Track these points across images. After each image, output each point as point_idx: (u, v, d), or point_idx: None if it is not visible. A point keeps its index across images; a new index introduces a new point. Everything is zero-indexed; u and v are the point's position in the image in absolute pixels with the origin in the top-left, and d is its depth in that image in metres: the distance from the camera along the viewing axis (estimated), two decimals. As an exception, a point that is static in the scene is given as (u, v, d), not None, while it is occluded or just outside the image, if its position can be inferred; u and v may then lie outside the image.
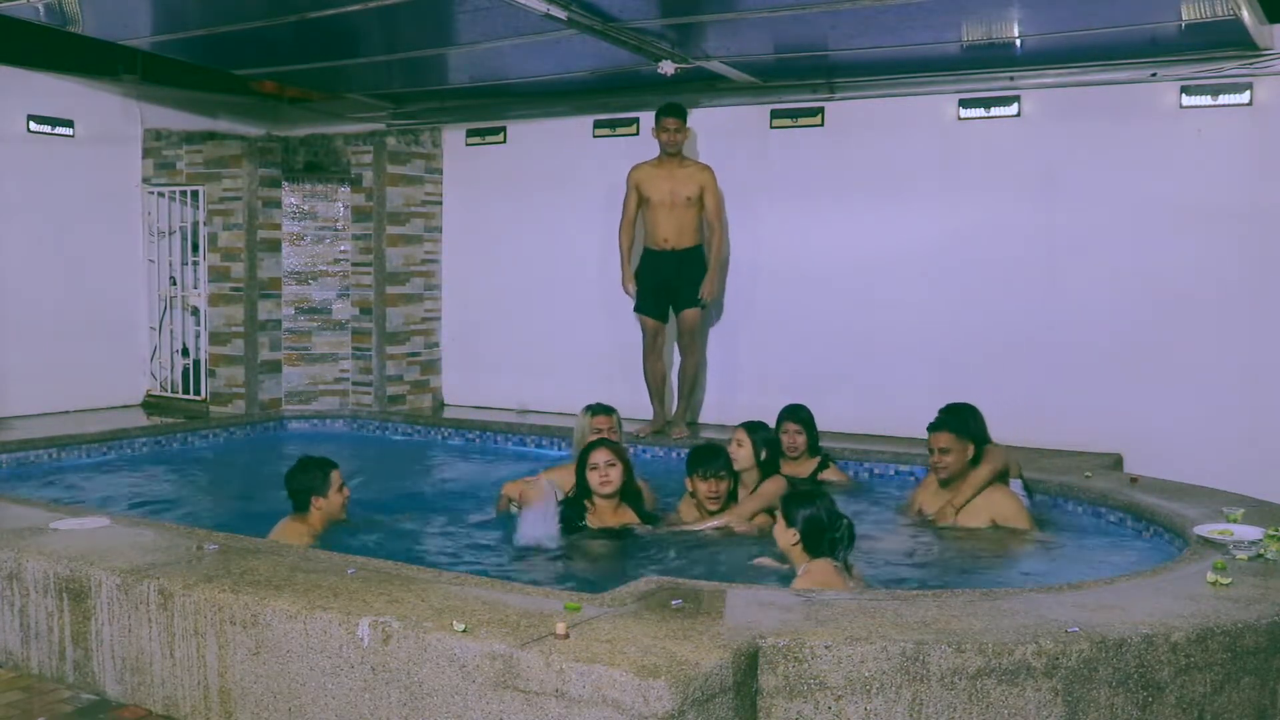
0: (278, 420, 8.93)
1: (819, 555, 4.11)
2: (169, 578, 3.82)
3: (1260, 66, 6.64)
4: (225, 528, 5.07)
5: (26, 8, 6.60)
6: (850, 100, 7.84)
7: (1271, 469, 6.44)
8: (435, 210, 9.48)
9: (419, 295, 9.37)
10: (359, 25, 6.90)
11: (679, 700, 2.84)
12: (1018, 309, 7.35)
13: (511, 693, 3.05)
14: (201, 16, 7.10)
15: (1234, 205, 6.78)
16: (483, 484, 7.15)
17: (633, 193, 7.79)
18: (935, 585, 4.66)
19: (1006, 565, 5.11)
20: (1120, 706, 3.21)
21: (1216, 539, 4.30)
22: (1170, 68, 6.85)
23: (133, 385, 9.20)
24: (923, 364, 7.47)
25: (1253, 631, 3.37)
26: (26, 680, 4.11)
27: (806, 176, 7.92)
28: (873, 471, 6.95)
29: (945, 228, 7.54)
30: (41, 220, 8.47)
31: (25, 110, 8.40)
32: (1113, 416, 6.96)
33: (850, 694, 3.13)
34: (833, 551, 4.12)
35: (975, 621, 3.32)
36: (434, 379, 9.53)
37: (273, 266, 9.03)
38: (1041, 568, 4.99)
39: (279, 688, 3.51)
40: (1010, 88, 7.35)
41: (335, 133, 9.48)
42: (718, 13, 6.49)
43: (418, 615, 3.35)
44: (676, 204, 7.63)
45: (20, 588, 4.18)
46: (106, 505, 6.08)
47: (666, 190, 7.65)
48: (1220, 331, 6.84)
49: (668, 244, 7.69)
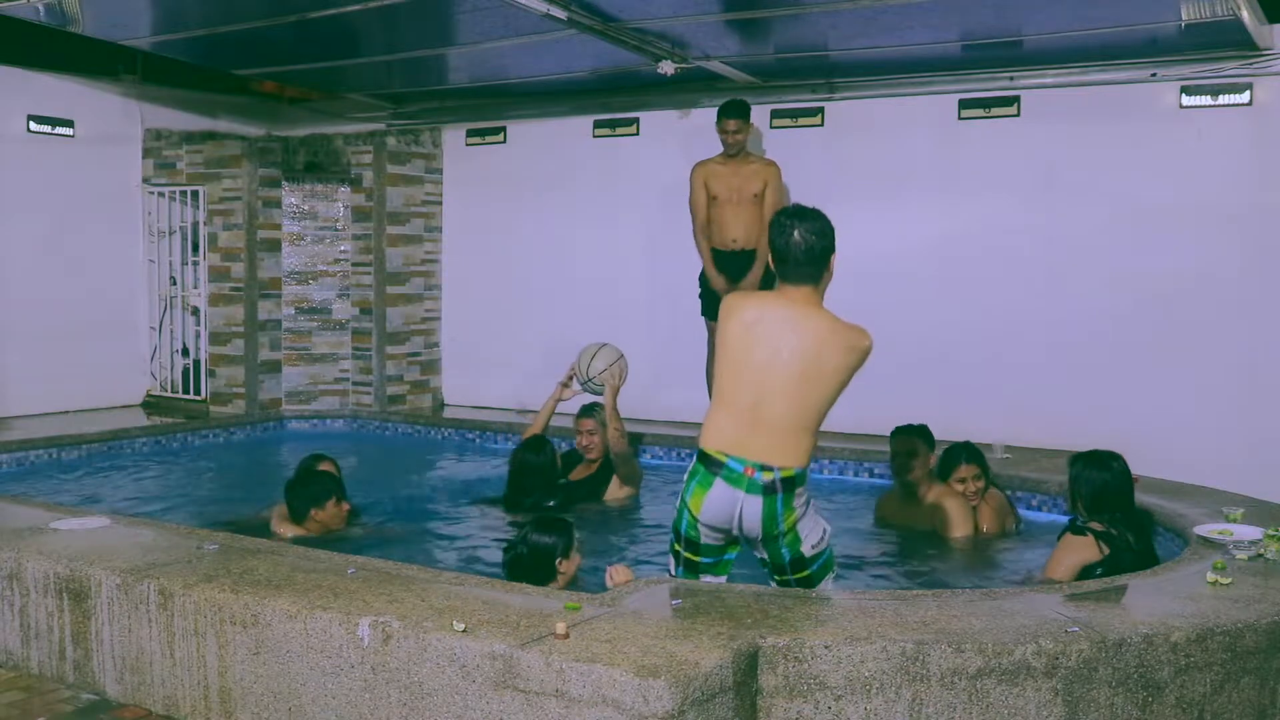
0: (278, 420, 8.94)
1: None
2: (169, 578, 3.82)
3: (1260, 66, 6.64)
4: (225, 528, 5.09)
5: (26, 8, 6.60)
6: (850, 100, 7.84)
7: (1271, 469, 6.43)
8: (435, 210, 9.48)
9: (419, 295, 9.37)
10: (359, 25, 6.90)
11: (679, 700, 2.84)
12: (1017, 309, 7.35)
13: (511, 693, 3.05)
14: (201, 16, 7.10)
15: (1234, 205, 6.78)
16: (483, 484, 7.16)
17: (700, 191, 7.36)
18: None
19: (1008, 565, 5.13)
20: (1120, 706, 3.21)
21: (1216, 539, 4.30)
22: (1170, 68, 6.85)
23: (133, 385, 9.20)
24: (922, 364, 7.46)
25: (1253, 631, 3.37)
26: (26, 680, 4.11)
27: (806, 176, 7.90)
28: (873, 471, 6.96)
29: (945, 228, 7.54)
30: (41, 220, 8.48)
31: (25, 110, 8.41)
32: (1112, 416, 6.95)
33: (850, 694, 3.13)
34: None
35: (975, 621, 3.32)
36: (434, 379, 9.53)
37: (273, 266, 9.03)
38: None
39: (279, 688, 3.51)
40: (1010, 88, 7.35)
41: (335, 133, 9.48)
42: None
43: (418, 615, 3.34)
44: (743, 201, 7.25)
45: (20, 588, 4.18)
46: (106, 505, 6.08)
47: (733, 187, 7.27)
48: (1220, 331, 6.84)
49: (736, 244, 7.30)
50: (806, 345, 3.74)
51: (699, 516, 3.79)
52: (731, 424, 3.77)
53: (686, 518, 3.83)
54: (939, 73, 7.45)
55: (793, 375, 3.72)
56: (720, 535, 3.83)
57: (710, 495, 3.75)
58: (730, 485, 3.72)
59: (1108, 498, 4.42)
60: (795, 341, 3.74)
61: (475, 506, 6.48)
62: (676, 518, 3.90)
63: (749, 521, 3.74)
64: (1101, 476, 4.44)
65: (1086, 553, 4.29)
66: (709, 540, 3.84)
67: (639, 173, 8.57)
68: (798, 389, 3.73)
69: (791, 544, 3.80)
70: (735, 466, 3.72)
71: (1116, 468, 4.49)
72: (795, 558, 3.82)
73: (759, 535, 3.77)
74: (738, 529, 3.78)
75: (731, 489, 3.72)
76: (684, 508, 3.84)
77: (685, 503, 3.82)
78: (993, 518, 5.49)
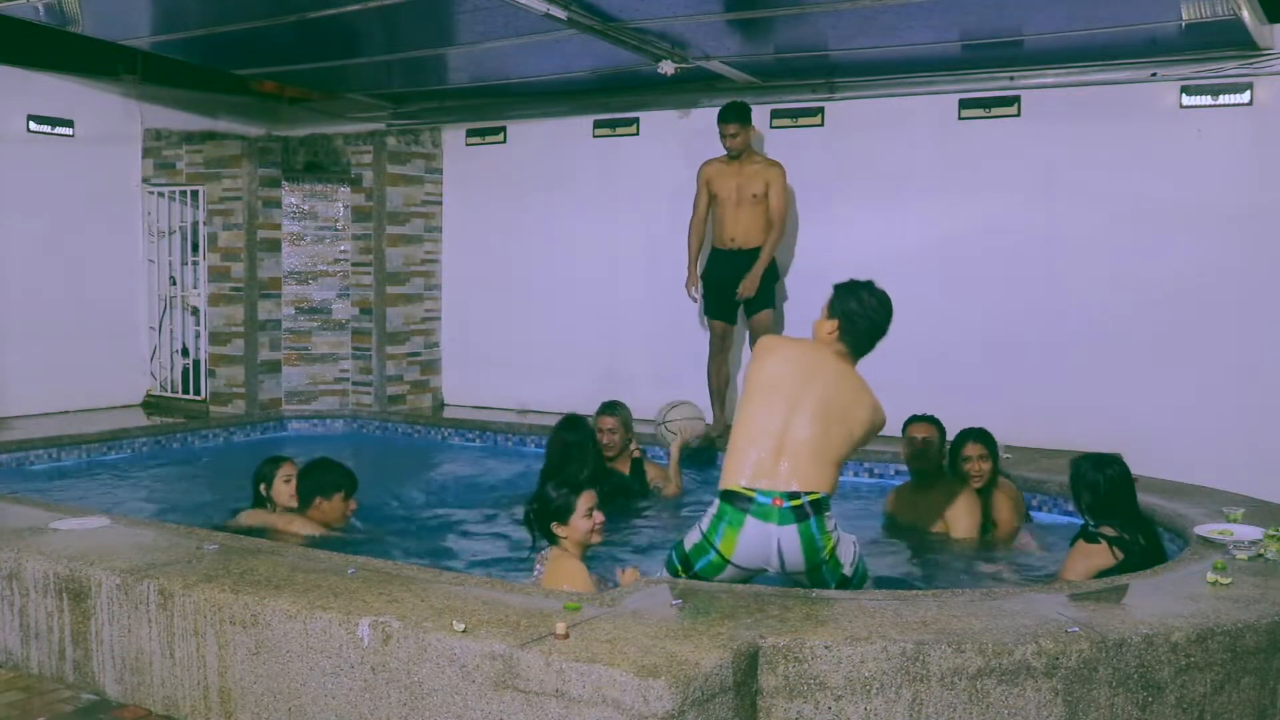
0: (278, 420, 8.93)
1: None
2: (169, 578, 3.82)
3: (1260, 66, 6.64)
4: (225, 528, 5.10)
5: (26, 8, 6.60)
6: (850, 100, 7.84)
7: (1271, 469, 6.43)
8: (435, 210, 9.48)
9: (419, 295, 9.37)
10: (359, 25, 6.90)
11: (679, 700, 2.84)
12: (1017, 309, 7.35)
13: (511, 693, 3.05)
14: (201, 16, 7.10)
15: (1234, 205, 6.78)
16: (482, 484, 7.16)
17: (703, 190, 7.47)
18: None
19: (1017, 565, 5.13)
20: (1120, 706, 3.21)
21: (1216, 539, 4.30)
22: (1170, 68, 6.85)
23: (133, 385, 9.19)
24: (922, 364, 7.45)
25: (1253, 631, 3.37)
26: (26, 680, 4.11)
27: (806, 176, 7.91)
28: (872, 471, 6.96)
29: (945, 228, 7.54)
30: (41, 220, 8.47)
31: (25, 110, 8.40)
32: (1112, 416, 6.95)
33: (850, 694, 3.13)
34: None
35: (975, 621, 3.32)
36: (434, 379, 9.53)
37: (273, 266, 9.03)
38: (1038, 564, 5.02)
39: (279, 688, 3.51)
40: (1010, 88, 7.35)
41: (335, 133, 9.48)
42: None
43: (418, 615, 3.34)
44: (743, 201, 7.33)
45: (20, 588, 4.18)
46: (106, 505, 6.08)
47: (733, 187, 7.36)
48: (1220, 331, 6.83)
49: (734, 243, 7.39)
50: (842, 390, 3.89)
51: (731, 559, 3.77)
52: (755, 453, 3.79)
53: (712, 559, 3.80)
54: (939, 73, 7.45)
55: (822, 407, 3.82)
56: (746, 574, 3.82)
57: (743, 535, 3.73)
58: (762, 521, 3.72)
59: (1110, 500, 4.42)
60: (832, 382, 3.89)
61: (488, 507, 6.42)
62: (691, 552, 3.85)
63: (790, 555, 3.74)
64: (1101, 479, 4.44)
65: (1100, 559, 4.27)
66: (726, 579, 3.82)
67: (639, 173, 8.57)
68: (825, 420, 3.81)
69: (834, 569, 3.82)
70: (763, 500, 3.72)
71: (1117, 468, 4.49)
72: (839, 581, 3.84)
73: (803, 567, 3.77)
74: (779, 566, 3.77)
75: (763, 525, 3.72)
76: (707, 549, 3.80)
77: (712, 545, 3.79)
78: (1008, 506, 5.50)
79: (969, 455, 5.46)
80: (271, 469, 5.47)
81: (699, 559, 3.83)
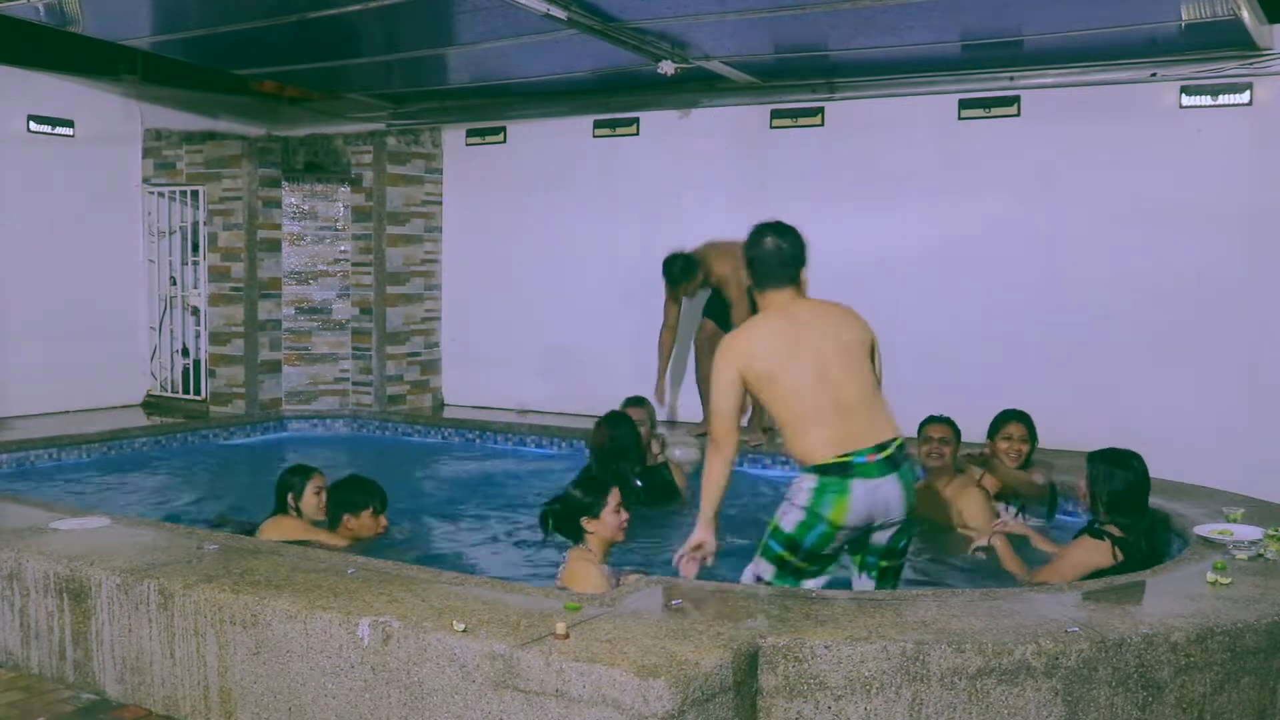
0: (278, 420, 8.94)
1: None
2: (169, 578, 3.82)
3: (1260, 66, 6.64)
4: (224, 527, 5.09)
5: (26, 8, 6.60)
6: (850, 100, 7.84)
7: (1271, 469, 6.44)
8: (435, 210, 9.48)
9: (419, 295, 9.37)
10: (359, 25, 6.90)
11: (679, 700, 2.84)
12: (1017, 309, 7.35)
13: (511, 693, 3.05)
14: (201, 16, 7.10)
15: (1234, 205, 6.78)
16: (482, 484, 7.16)
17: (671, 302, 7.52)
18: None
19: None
20: (1120, 706, 3.21)
21: (1216, 539, 4.30)
22: (1170, 68, 6.85)
23: (133, 385, 9.20)
24: (922, 364, 7.44)
25: (1253, 631, 3.37)
26: (26, 680, 4.11)
27: (806, 177, 7.91)
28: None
29: (945, 228, 7.54)
30: (41, 220, 8.48)
31: (25, 110, 8.40)
32: (1113, 416, 6.95)
33: (850, 694, 3.13)
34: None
35: (975, 621, 3.32)
36: (434, 379, 9.53)
37: (273, 266, 9.03)
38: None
39: (279, 688, 3.51)
40: (1010, 88, 7.35)
41: (335, 133, 9.48)
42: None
43: (418, 615, 3.35)
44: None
45: (20, 588, 4.18)
46: (107, 505, 6.08)
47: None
48: (1221, 331, 6.84)
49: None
50: (829, 329, 3.97)
51: (845, 523, 3.83)
52: (829, 429, 3.86)
53: (824, 530, 3.84)
54: (939, 73, 7.45)
55: (840, 357, 3.91)
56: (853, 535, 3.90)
57: (853, 499, 3.81)
58: (866, 479, 3.82)
59: (1128, 497, 4.39)
60: (819, 333, 3.95)
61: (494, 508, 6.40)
62: (795, 532, 3.88)
63: (894, 505, 3.87)
64: (1122, 475, 4.40)
65: (1099, 557, 4.27)
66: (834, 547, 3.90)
67: (639, 173, 8.57)
68: (852, 365, 3.92)
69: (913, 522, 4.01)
70: (860, 459, 3.82)
71: (1137, 466, 4.45)
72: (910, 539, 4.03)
73: (900, 516, 3.90)
74: (882, 518, 3.88)
75: (868, 482, 3.82)
76: (816, 521, 3.84)
77: (822, 517, 3.83)
78: (1030, 482, 5.60)
79: (1010, 435, 5.59)
80: (301, 480, 5.31)
81: (807, 534, 3.87)
